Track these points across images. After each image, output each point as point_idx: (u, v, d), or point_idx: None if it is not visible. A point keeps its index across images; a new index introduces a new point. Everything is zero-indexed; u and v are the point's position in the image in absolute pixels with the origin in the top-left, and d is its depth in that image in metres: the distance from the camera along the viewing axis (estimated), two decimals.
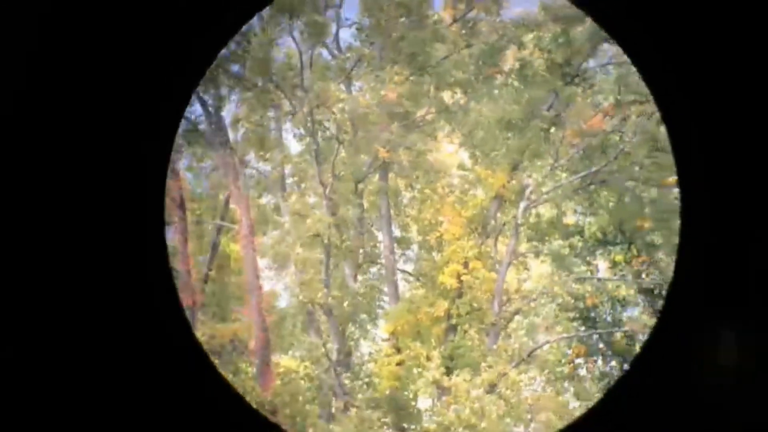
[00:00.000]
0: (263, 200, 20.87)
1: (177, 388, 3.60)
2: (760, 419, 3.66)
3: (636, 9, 3.66)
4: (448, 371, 18.79)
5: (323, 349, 18.70)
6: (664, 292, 19.41)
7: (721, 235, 3.83)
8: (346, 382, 18.93)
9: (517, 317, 20.12)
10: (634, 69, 19.57)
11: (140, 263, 3.58)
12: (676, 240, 16.85)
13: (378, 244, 20.30)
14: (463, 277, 19.35)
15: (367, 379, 19.13)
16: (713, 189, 3.76)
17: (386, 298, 20.11)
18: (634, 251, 19.79)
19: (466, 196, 19.95)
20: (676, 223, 19.75)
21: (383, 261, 20.11)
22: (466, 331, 19.31)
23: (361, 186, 19.82)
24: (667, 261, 19.07)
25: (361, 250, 19.74)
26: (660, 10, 3.60)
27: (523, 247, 20.51)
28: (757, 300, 3.77)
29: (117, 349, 3.52)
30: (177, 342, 3.62)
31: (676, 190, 19.28)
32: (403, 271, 21.12)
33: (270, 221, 20.30)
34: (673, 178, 19.15)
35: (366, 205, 20.12)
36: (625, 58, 19.78)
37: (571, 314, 19.89)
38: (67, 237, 3.54)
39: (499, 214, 20.18)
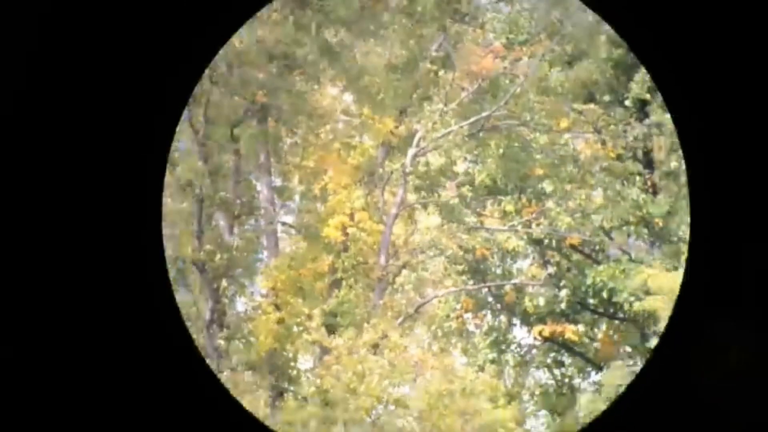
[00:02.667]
0: None
1: (173, 389, 3.60)
2: (761, 419, 3.78)
3: (644, 9, 3.75)
4: (332, 329, 17.48)
5: (195, 308, 17.10)
6: (554, 243, 18.54)
7: (728, 239, 4.01)
8: (221, 342, 17.41)
9: (404, 271, 18.96)
10: (525, 8, 18.22)
11: (138, 261, 3.61)
12: (566, 188, 15.51)
13: (256, 195, 18.67)
14: (349, 230, 17.98)
15: (243, 339, 17.63)
16: (720, 193, 3.98)
17: (265, 252, 18.53)
18: (525, 201, 18.66)
19: (352, 143, 18.47)
20: (567, 170, 18.86)
21: (262, 212, 18.53)
22: (351, 287, 18.06)
23: (236, 131, 18.12)
24: (557, 210, 18.24)
25: (237, 201, 18.08)
26: (669, 11, 3.70)
27: (412, 197, 19.23)
28: (762, 301, 3.92)
29: (114, 348, 3.57)
30: (175, 342, 3.72)
31: (566, 136, 18.31)
32: (284, 224, 19.69)
33: None
34: (564, 124, 18.21)
35: (242, 151, 18.38)
36: None
37: (460, 267, 18.83)
38: (66, 234, 3.51)
39: (386, 163, 18.81)
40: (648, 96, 18.42)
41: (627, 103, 18.68)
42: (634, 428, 3.99)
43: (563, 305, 19.08)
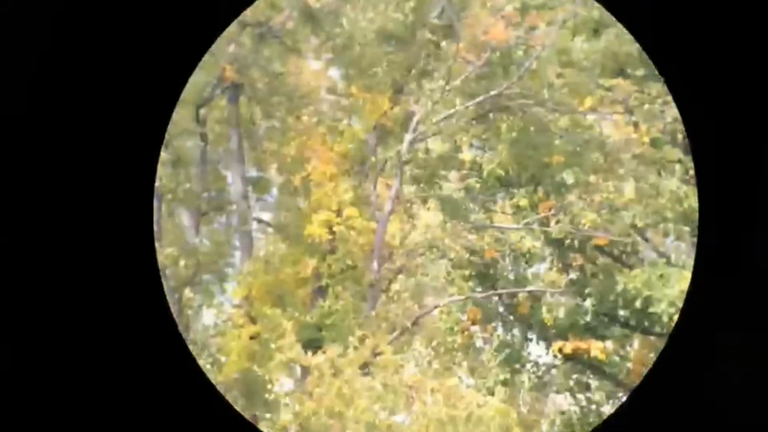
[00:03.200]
0: None
1: (162, 388, 3.98)
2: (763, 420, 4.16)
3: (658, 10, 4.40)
4: (316, 345, 14.98)
5: None
6: (577, 244, 15.92)
7: (735, 242, 4.38)
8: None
9: (400, 277, 16.65)
10: None
11: (126, 257, 3.98)
12: (591, 179, 12.16)
13: (227, 187, 16.29)
14: (336, 228, 15.56)
15: (211, 359, 15.25)
16: (729, 196, 4.33)
17: (237, 255, 16.10)
18: (542, 194, 16.51)
19: (339, 127, 16.15)
20: (591, 157, 16.20)
21: (234, 208, 16.20)
22: (338, 295, 15.81)
23: (203, 112, 15.70)
24: (580, 205, 15.71)
25: (204, 195, 15.73)
26: (681, 11, 4.28)
27: (409, 190, 16.67)
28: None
29: (104, 346, 3.87)
30: (164, 346, 3.99)
31: (592, 117, 15.73)
32: (260, 221, 17.36)
33: None
34: (589, 102, 15.64)
35: (210, 137, 15.96)
36: None
37: (466, 272, 16.40)
38: (56, 233, 3.82)
39: (379, 149, 16.34)
40: None
41: None
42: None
43: (588, 317, 16.69)
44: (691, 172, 16.15)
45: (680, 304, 14.64)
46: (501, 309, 18.08)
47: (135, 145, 3.96)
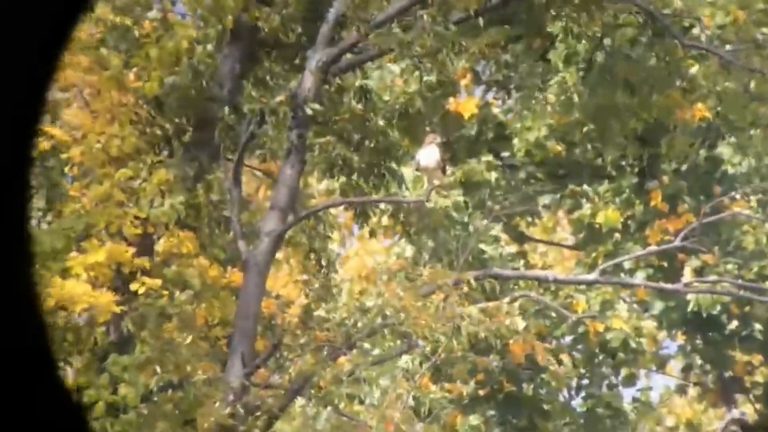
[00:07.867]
0: None
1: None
2: None
3: None
4: None
5: None
6: (758, 328, 7.90)
7: None
8: None
9: (299, 404, 8.69)
10: None
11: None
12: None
13: None
14: (135, 284, 8.07)
15: None
16: None
17: None
18: (657, 197, 8.90)
19: (137, 27, 9.49)
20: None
21: None
22: None
23: None
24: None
25: None
26: None
27: (324, 187, 10.18)
28: None
29: None
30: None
31: None
32: None
33: None
34: None
35: None
36: None
37: (466, 389, 8.11)
38: None
39: (244, 85, 8.42)
40: None
41: None
42: None
43: None
44: None
45: None
46: None
47: None
